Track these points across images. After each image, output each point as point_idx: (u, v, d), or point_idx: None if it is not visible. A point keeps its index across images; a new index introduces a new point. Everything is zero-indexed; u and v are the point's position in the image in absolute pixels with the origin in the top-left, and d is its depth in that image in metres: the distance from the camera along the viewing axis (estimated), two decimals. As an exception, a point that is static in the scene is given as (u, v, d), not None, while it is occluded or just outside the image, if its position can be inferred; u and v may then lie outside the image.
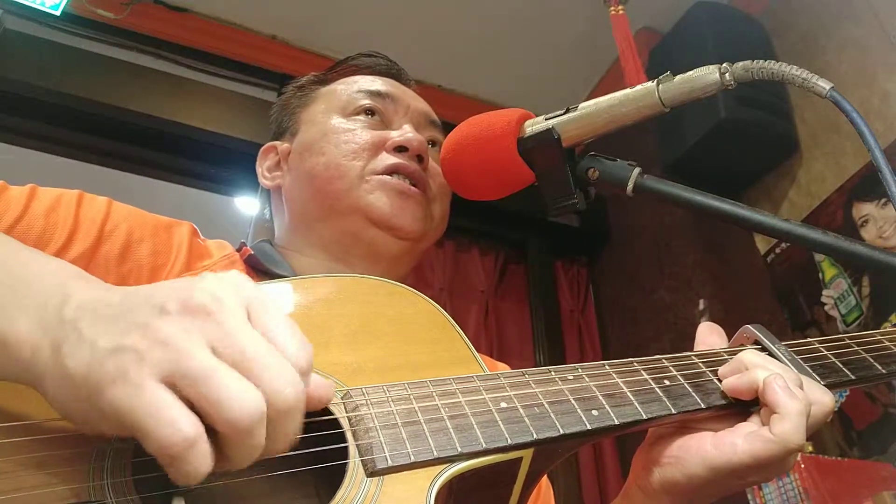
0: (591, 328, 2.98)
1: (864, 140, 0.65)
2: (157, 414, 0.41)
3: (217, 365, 0.43)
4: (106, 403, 0.42)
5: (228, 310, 0.45)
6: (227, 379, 0.43)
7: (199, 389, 0.42)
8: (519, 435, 0.59)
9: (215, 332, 0.44)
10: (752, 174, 2.67)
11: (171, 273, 0.83)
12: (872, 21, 2.32)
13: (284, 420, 0.45)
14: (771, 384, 0.64)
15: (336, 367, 0.62)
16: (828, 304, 2.28)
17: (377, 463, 0.54)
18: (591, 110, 0.79)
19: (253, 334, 0.45)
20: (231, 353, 0.44)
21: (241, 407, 0.42)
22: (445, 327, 0.71)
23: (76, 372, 0.43)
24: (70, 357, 0.44)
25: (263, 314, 0.47)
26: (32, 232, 0.76)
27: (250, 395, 0.43)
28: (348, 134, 0.98)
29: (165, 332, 0.43)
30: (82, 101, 2.31)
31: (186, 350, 0.43)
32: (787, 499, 1.77)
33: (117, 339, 0.43)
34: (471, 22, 2.86)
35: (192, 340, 0.43)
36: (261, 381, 0.44)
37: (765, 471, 0.64)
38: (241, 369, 0.44)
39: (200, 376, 0.42)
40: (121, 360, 0.42)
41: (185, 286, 0.47)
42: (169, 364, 0.42)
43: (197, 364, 0.42)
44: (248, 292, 0.48)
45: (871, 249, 0.66)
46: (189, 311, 0.44)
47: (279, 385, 0.44)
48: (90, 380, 0.43)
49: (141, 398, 0.41)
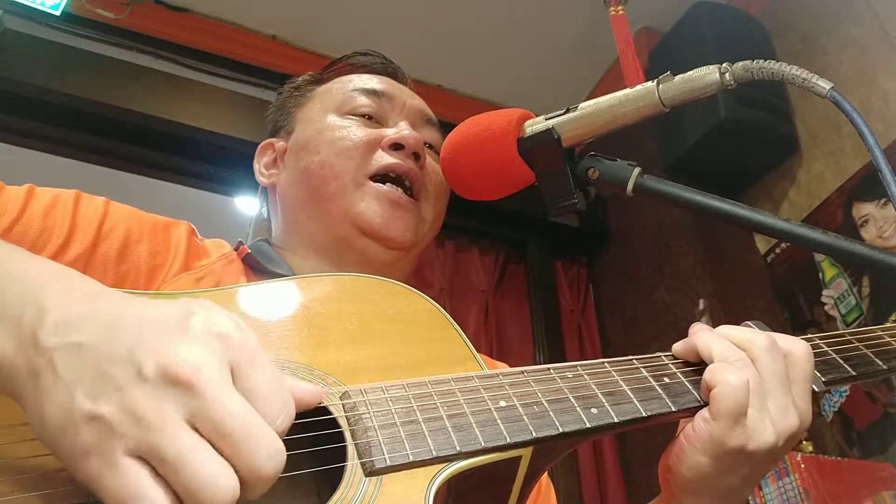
0: (591, 328, 2.98)
1: (864, 140, 0.65)
2: (126, 497, 0.40)
3: (192, 446, 0.41)
4: (79, 472, 0.42)
5: (209, 379, 0.43)
6: (200, 463, 0.41)
7: (171, 473, 0.41)
8: (518, 434, 0.58)
9: (194, 404, 0.42)
10: (752, 174, 2.67)
11: (170, 273, 0.83)
12: (872, 21, 2.32)
13: (260, 487, 0.44)
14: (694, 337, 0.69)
15: (334, 366, 0.62)
16: (828, 304, 2.28)
17: (375, 463, 0.53)
18: (591, 110, 0.79)
19: (233, 403, 0.43)
20: (210, 429, 0.42)
21: (213, 495, 0.41)
22: (445, 326, 0.71)
23: (52, 423, 0.43)
24: (47, 400, 0.43)
25: (249, 371, 0.46)
26: (30, 232, 0.75)
27: (223, 481, 0.41)
28: (343, 131, 0.98)
29: (140, 406, 0.42)
30: (82, 101, 2.31)
31: (160, 429, 0.41)
32: (787, 499, 1.77)
33: (93, 403, 0.42)
34: (471, 22, 2.86)
35: (168, 417, 0.42)
36: (239, 456, 0.43)
37: (745, 429, 0.63)
38: (220, 443, 0.42)
39: (172, 460, 0.41)
40: (95, 430, 0.41)
41: (167, 343, 0.44)
42: (142, 442, 0.41)
43: (169, 446, 0.41)
44: (235, 344, 0.46)
45: (871, 249, 0.66)
46: (167, 380, 0.42)
47: (258, 461, 0.43)
48: (65, 440, 0.42)
49: (112, 478, 0.41)
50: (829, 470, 1.79)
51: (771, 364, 0.66)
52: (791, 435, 0.65)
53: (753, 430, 0.63)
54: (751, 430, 0.63)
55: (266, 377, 0.46)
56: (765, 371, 0.65)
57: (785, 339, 0.70)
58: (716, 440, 0.63)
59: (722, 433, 0.63)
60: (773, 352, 0.66)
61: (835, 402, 2.16)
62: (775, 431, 0.64)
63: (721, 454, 0.63)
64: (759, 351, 0.66)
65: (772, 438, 0.64)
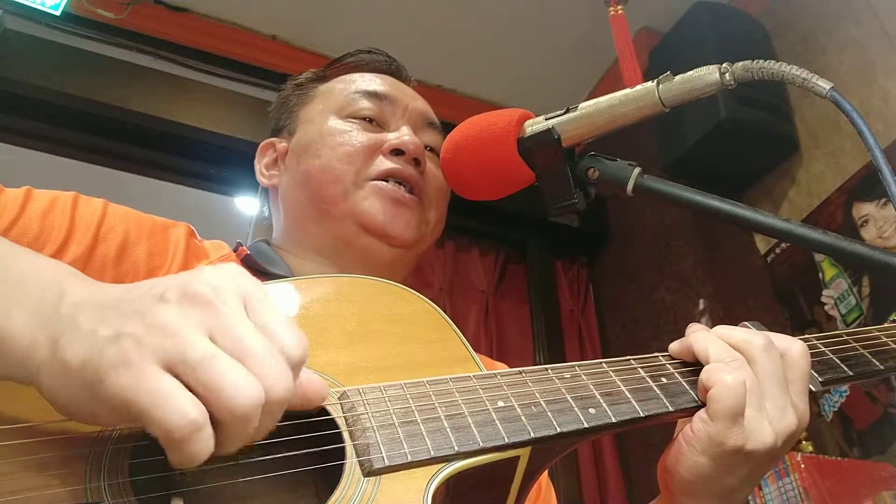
0: (591, 328, 2.98)
1: (864, 140, 0.65)
2: (163, 399, 0.41)
3: (216, 352, 0.43)
4: (108, 390, 0.42)
5: (226, 300, 0.46)
6: (227, 367, 0.43)
7: (199, 376, 0.42)
8: (516, 434, 0.58)
9: (213, 321, 0.44)
10: (752, 174, 2.67)
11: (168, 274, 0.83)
12: (872, 21, 2.32)
13: (269, 412, 0.45)
14: (690, 340, 0.68)
15: (333, 367, 0.62)
16: (828, 304, 2.28)
17: (374, 463, 0.53)
18: (591, 110, 0.79)
19: (249, 325, 0.46)
20: (228, 342, 0.44)
21: (240, 395, 0.42)
22: (443, 327, 0.71)
23: (74, 361, 0.43)
24: (68, 348, 0.44)
25: (260, 307, 0.48)
26: (28, 234, 0.75)
27: (249, 383, 0.43)
28: (344, 136, 0.97)
29: (164, 318, 0.44)
30: (82, 101, 2.31)
31: (185, 336, 0.43)
32: (787, 499, 1.76)
33: (116, 327, 0.44)
34: (471, 22, 2.86)
35: (191, 327, 0.44)
36: (254, 370, 0.44)
37: (742, 429, 0.63)
38: (237, 359, 0.44)
39: (200, 363, 0.42)
40: (120, 346, 0.42)
41: (184, 277, 0.47)
42: (169, 349, 0.42)
43: (197, 350, 0.43)
44: (245, 285, 0.48)
45: (871, 249, 0.66)
46: (188, 299, 0.45)
47: (272, 379, 0.44)
48: (89, 367, 0.43)
49: (145, 383, 0.42)
50: (829, 470, 1.79)
51: (768, 364, 0.66)
52: (789, 435, 0.65)
53: (752, 431, 0.63)
54: (749, 430, 0.63)
55: (277, 314, 0.48)
56: (761, 371, 0.65)
57: (781, 338, 0.70)
58: (714, 441, 0.63)
59: (720, 433, 0.63)
60: (770, 351, 0.66)
61: (835, 402, 2.16)
62: (774, 431, 0.64)
63: (720, 454, 0.63)
64: (756, 351, 0.66)
65: (770, 438, 0.64)
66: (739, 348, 0.67)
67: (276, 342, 0.46)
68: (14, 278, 0.51)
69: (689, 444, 0.65)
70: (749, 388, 0.63)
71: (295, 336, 0.48)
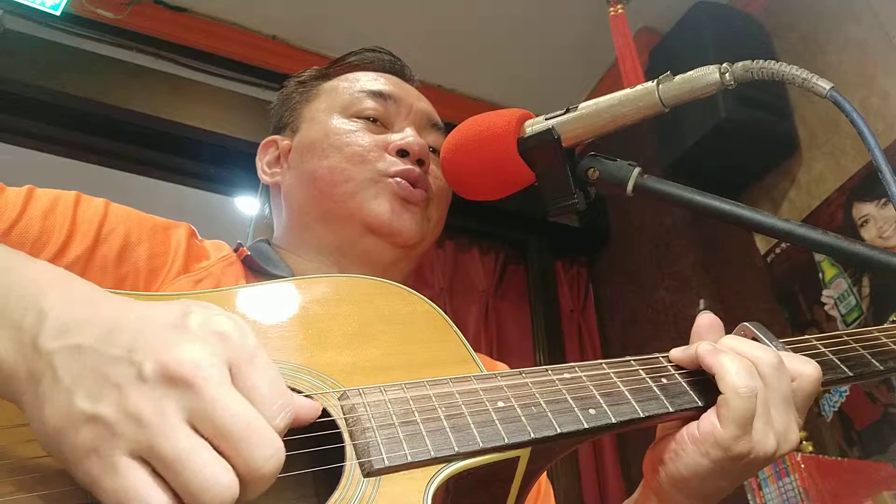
0: (591, 328, 2.98)
1: (864, 140, 0.65)
2: (126, 499, 0.41)
3: (191, 446, 0.42)
4: (79, 472, 0.42)
5: (209, 378, 0.43)
6: (199, 464, 0.41)
7: (170, 474, 0.41)
8: (516, 434, 0.58)
9: (194, 404, 0.42)
10: (752, 174, 2.67)
11: (169, 275, 0.83)
12: (872, 21, 2.32)
13: (260, 486, 0.44)
14: (697, 350, 0.67)
15: (333, 367, 0.62)
16: (828, 304, 2.28)
17: (374, 463, 0.53)
18: (591, 110, 0.79)
19: (233, 401, 0.44)
20: (209, 428, 0.43)
21: (213, 495, 0.41)
22: (443, 328, 0.71)
23: (52, 425, 0.43)
24: (47, 404, 0.43)
25: (248, 370, 0.46)
26: (30, 234, 0.75)
27: (223, 481, 0.42)
28: (350, 136, 0.97)
29: (139, 407, 0.42)
30: (82, 101, 2.31)
31: (159, 430, 0.41)
32: (787, 499, 1.76)
33: (92, 404, 0.42)
34: (471, 22, 2.86)
35: (167, 417, 0.42)
36: (238, 455, 0.43)
37: (749, 438, 0.63)
38: (219, 443, 0.43)
39: (172, 460, 0.41)
40: (94, 432, 0.42)
41: (167, 343, 0.44)
42: (141, 443, 0.41)
43: (169, 446, 0.41)
44: (234, 343, 0.46)
45: (871, 249, 0.66)
46: (167, 380, 0.43)
47: (258, 460, 0.43)
48: (64, 441, 0.42)
49: (112, 478, 0.41)
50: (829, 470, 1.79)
51: (776, 383, 0.66)
52: (790, 449, 0.67)
53: (757, 441, 0.64)
54: (755, 440, 0.64)
55: (266, 376, 0.47)
56: (770, 388, 0.66)
57: (794, 359, 0.69)
58: (720, 445, 0.64)
59: (727, 440, 0.63)
60: (780, 371, 0.67)
61: (835, 402, 2.16)
62: (777, 444, 0.65)
63: (722, 458, 0.64)
64: (767, 369, 0.66)
65: (772, 451, 0.65)
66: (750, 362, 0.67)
67: (265, 409, 0.45)
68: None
69: (693, 444, 0.65)
70: (758, 401, 0.64)
71: (282, 402, 0.46)
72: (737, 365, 0.64)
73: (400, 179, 0.94)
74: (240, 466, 0.43)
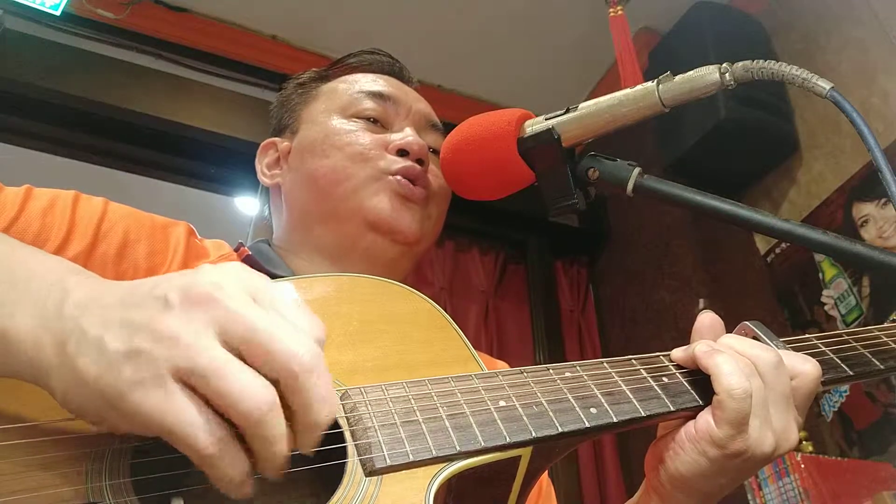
0: (591, 328, 2.98)
1: (864, 140, 0.65)
2: (184, 418, 0.42)
3: (224, 357, 0.44)
4: (129, 409, 0.43)
5: (231, 294, 0.46)
6: (235, 371, 0.43)
7: (210, 386, 0.43)
8: (517, 433, 0.59)
9: (221, 317, 0.45)
10: (752, 174, 2.67)
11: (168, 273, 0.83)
12: (872, 21, 2.32)
13: (308, 383, 0.45)
14: (695, 350, 0.67)
15: (334, 366, 0.62)
16: (828, 304, 2.28)
17: (376, 462, 0.53)
18: (591, 110, 0.79)
19: (260, 310, 0.46)
20: (240, 333, 0.44)
21: (250, 397, 0.43)
22: (444, 327, 0.71)
23: (88, 374, 0.44)
24: (79, 357, 0.44)
25: (269, 297, 0.48)
26: (29, 233, 0.75)
27: (257, 384, 0.43)
28: (350, 136, 0.97)
29: (172, 328, 0.44)
30: (82, 101, 2.31)
31: (194, 345, 0.43)
32: (787, 499, 1.77)
33: (126, 341, 0.44)
34: (471, 22, 2.86)
35: (199, 333, 0.44)
36: (274, 352, 0.44)
37: (747, 438, 0.64)
38: (252, 346, 0.44)
39: (210, 372, 0.43)
40: (135, 364, 0.43)
41: (186, 277, 0.47)
42: (179, 363, 0.43)
43: (205, 360, 0.43)
44: (250, 280, 0.49)
45: (871, 249, 0.67)
46: (192, 301, 0.45)
47: (294, 350, 0.45)
48: (106, 383, 0.43)
49: (165, 404, 0.42)
50: (829, 470, 1.79)
51: (775, 382, 0.66)
52: (789, 448, 0.67)
53: (754, 440, 0.64)
54: (752, 438, 0.64)
55: (287, 299, 0.49)
56: (769, 387, 0.66)
57: (794, 357, 0.70)
58: (717, 444, 0.64)
59: (723, 439, 0.63)
60: (779, 370, 0.67)
61: (835, 402, 2.16)
62: (775, 443, 0.65)
63: (719, 457, 0.64)
64: (766, 368, 0.66)
65: (770, 449, 0.65)
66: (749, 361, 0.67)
67: (292, 322, 0.47)
68: (16, 278, 0.51)
69: (691, 443, 0.65)
70: (756, 400, 0.64)
71: (310, 316, 0.48)
72: (732, 366, 0.64)
73: (400, 178, 0.94)
74: (276, 370, 0.44)
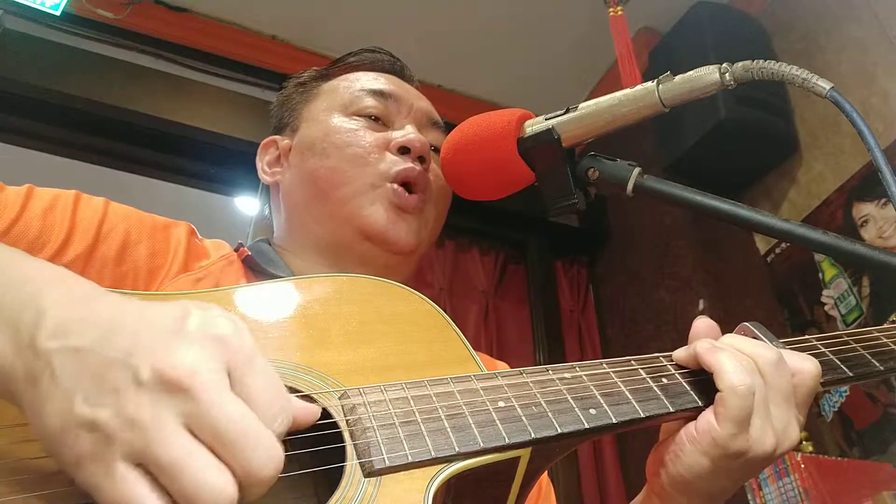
0: (591, 328, 2.97)
1: (864, 140, 0.65)
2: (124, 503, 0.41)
3: (188, 451, 0.42)
4: (79, 478, 0.43)
5: (206, 383, 0.43)
6: (196, 469, 0.41)
7: (167, 479, 0.41)
8: (517, 434, 0.58)
9: (190, 409, 0.42)
10: (752, 174, 2.67)
11: (169, 274, 0.83)
12: (872, 21, 2.32)
13: (257, 490, 0.44)
14: (696, 348, 0.67)
15: (333, 366, 0.62)
16: (828, 304, 2.28)
17: (375, 463, 0.53)
18: (592, 110, 0.79)
19: (231, 407, 0.43)
20: (206, 432, 0.43)
21: (211, 500, 0.41)
22: (443, 327, 0.71)
23: (52, 428, 0.43)
24: (47, 406, 0.43)
25: (246, 374, 0.46)
26: (29, 233, 0.75)
27: (220, 485, 0.42)
28: (351, 135, 0.97)
29: (137, 411, 0.42)
30: (82, 101, 2.30)
31: (156, 436, 0.41)
32: (787, 499, 1.76)
33: (91, 409, 0.42)
34: (471, 22, 2.86)
35: (164, 423, 0.42)
36: (236, 459, 0.43)
37: (748, 437, 0.63)
38: (217, 447, 0.43)
39: (169, 465, 0.41)
40: (93, 438, 0.42)
41: (164, 347, 0.44)
42: (138, 449, 0.41)
43: (166, 453, 0.41)
44: (232, 346, 0.46)
45: (871, 249, 0.66)
46: (164, 385, 0.42)
47: (256, 465, 0.43)
48: (64, 446, 0.43)
49: (111, 484, 0.41)
50: (829, 470, 1.79)
51: (777, 380, 0.66)
52: (791, 447, 0.67)
53: (755, 439, 0.64)
54: (753, 438, 0.64)
55: (264, 380, 0.46)
56: (770, 385, 0.65)
57: (794, 356, 0.70)
58: (718, 444, 0.64)
59: (724, 438, 0.63)
60: (780, 367, 0.67)
61: (835, 403, 2.16)
62: (776, 442, 0.65)
63: (720, 457, 0.64)
64: (767, 366, 0.66)
65: (771, 448, 0.64)
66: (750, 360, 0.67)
67: (263, 414, 0.45)
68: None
69: (692, 444, 0.65)
70: (757, 398, 0.64)
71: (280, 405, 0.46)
72: (735, 362, 0.64)
73: (397, 187, 0.94)
74: (238, 471, 0.43)
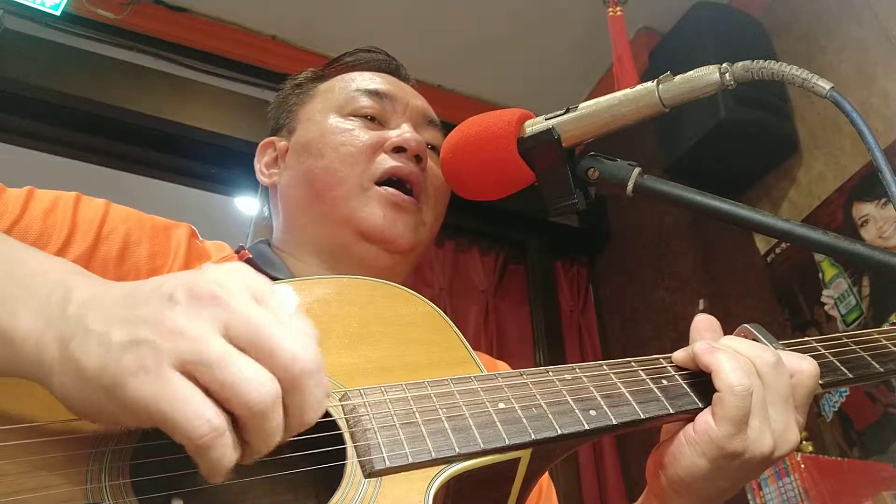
0: (591, 328, 2.98)
1: (864, 140, 0.65)
2: (184, 405, 0.42)
3: (230, 350, 0.44)
4: (129, 395, 0.43)
5: (235, 294, 0.46)
6: (241, 363, 0.44)
7: (215, 375, 0.43)
8: (517, 435, 0.58)
9: (225, 316, 0.45)
10: (752, 174, 2.67)
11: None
12: (872, 21, 2.32)
13: (308, 385, 0.46)
14: (694, 349, 0.68)
15: (334, 368, 0.62)
16: (828, 304, 2.28)
17: (375, 464, 0.53)
18: (592, 110, 0.79)
19: (262, 311, 0.47)
20: (244, 332, 0.45)
21: (256, 389, 0.43)
22: (443, 328, 0.71)
23: (89, 366, 0.44)
24: (81, 351, 0.44)
25: (270, 297, 0.49)
26: (30, 234, 0.75)
27: (264, 377, 0.44)
28: (346, 135, 0.97)
29: (177, 323, 0.44)
30: (82, 101, 2.31)
31: (200, 338, 0.44)
32: (787, 499, 1.76)
33: (130, 333, 0.44)
34: (471, 22, 2.86)
35: (204, 328, 0.44)
36: (278, 352, 0.45)
37: (746, 437, 0.63)
38: (256, 345, 0.45)
39: (215, 362, 0.43)
40: (138, 352, 0.43)
41: (191, 276, 0.48)
42: (185, 353, 0.43)
43: (211, 351, 0.43)
44: (251, 281, 0.49)
45: (871, 249, 0.66)
46: (197, 298, 0.45)
47: (297, 351, 0.45)
48: (107, 373, 0.43)
49: (166, 390, 0.42)
50: (829, 470, 1.79)
51: (775, 381, 0.66)
52: (790, 449, 0.66)
53: (753, 440, 0.64)
54: (751, 439, 0.64)
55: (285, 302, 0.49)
56: (768, 386, 0.65)
57: (792, 357, 0.70)
58: (715, 444, 0.64)
59: (722, 438, 0.63)
60: (779, 369, 0.67)
61: (835, 403, 2.16)
62: (774, 443, 0.65)
63: (718, 458, 0.64)
64: (766, 368, 0.66)
65: (769, 449, 0.64)
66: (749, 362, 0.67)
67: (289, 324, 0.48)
68: (19, 278, 0.51)
69: (689, 445, 0.65)
70: (755, 399, 0.64)
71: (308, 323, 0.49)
72: (733, 363, 0.64)
73: (393, 190, 0.94)
74: (277, 362, 0.45)
